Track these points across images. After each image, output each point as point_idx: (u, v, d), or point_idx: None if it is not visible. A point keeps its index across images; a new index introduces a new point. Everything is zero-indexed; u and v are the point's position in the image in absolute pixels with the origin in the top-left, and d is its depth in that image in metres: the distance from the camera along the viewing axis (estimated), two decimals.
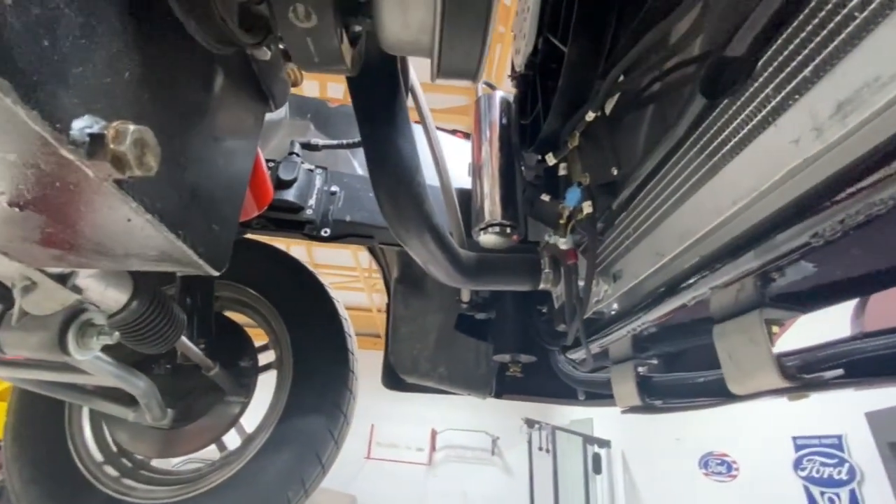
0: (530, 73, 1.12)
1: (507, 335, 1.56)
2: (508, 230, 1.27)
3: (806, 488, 5.59)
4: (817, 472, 5.50)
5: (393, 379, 1.86)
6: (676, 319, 0.97)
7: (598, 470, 8.89)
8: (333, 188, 1.47)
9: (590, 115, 0.85)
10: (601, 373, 1.43)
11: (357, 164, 1.71)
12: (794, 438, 5.72)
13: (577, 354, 1.16)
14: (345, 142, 1.49)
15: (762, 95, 0.54)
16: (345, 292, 9.93)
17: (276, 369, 1.85)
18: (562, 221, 1.01)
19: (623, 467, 8.78)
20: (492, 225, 1.28)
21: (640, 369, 1.14)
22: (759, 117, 0.54)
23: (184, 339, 1.35)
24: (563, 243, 1.01)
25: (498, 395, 1.84)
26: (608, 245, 0.92)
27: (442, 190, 1.26)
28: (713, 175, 0.61)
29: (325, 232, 1.42)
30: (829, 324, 1.07)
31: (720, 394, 0.91)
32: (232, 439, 1.79)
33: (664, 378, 1.10)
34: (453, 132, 1.99)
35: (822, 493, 5.43)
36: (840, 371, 0.66)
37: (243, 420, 1.78)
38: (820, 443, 5.50)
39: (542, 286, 1.27)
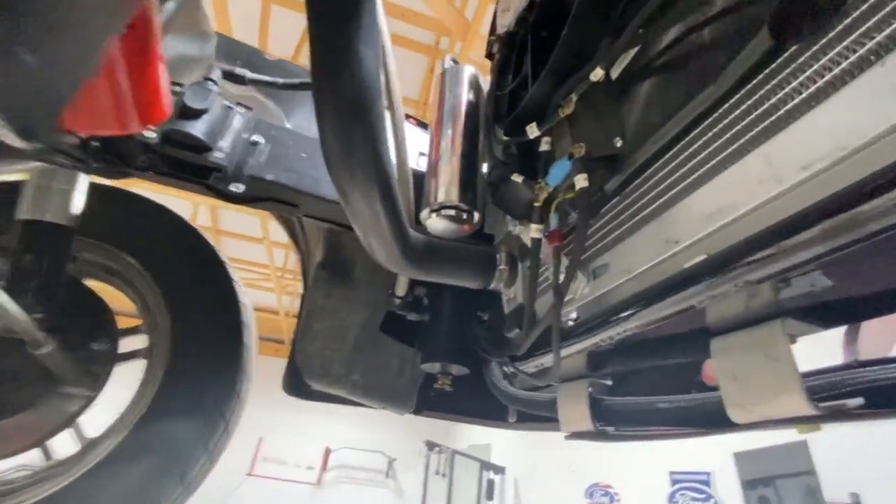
0: (519, 30, 0.97)
1: (439, 341, 1.36)
2: (465, 216, 1.09)
3: None
4: None
5: (296, 384, 1.56)
6: (638, 334, 0.85)
7: (490, 496, 8.90)
8: (256, 137, 1.19)
9: (596, 74, 0.70)
10: (542, 391, 1.28)
11: (292, 126, 1.44)
12: (671, 473, 6.16)
13: (531, 365, 1.00)
14: (282, 80, 1.23)
15: (856, 34, 0.41)
16: (252, 291, 9.09)
17: (144, 359, 1.46)
18: (537, 204, 0.85)
19: (514, 494, 8.88)
20: (446, 207, 1.09)
21: (591, 389, 1.00)
22: (845, 63, 0.42)
23: (2, 297, 0.97)
24: (536, 230, 0.85)
25: (417, 412, 1.61)
26: (589, 236, 0.78)
27: (396, 156, 1.05)
28: (769, 137, 0.48)
29: (237, 188, 1.13)
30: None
31: (695, 422, 0.79)
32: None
33: (620, 402, 0.97)
34: (406, 118, 1.79)
35: None
36: (861, 400, 0.55)
37: (86, 420, 1.36)
38: (692, 478, 5.98)
39: (493, 285, 1.10)
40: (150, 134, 0.99)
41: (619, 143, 0.69)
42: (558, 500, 7.84)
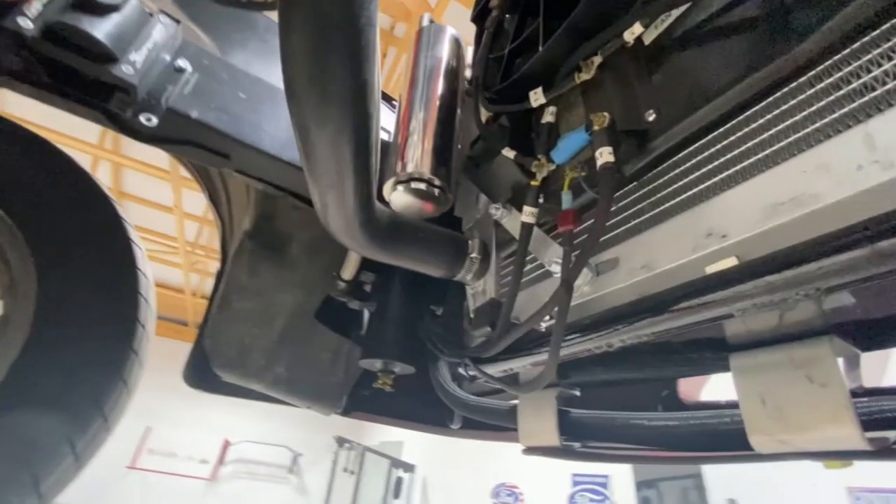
0: None
1: (385, 335, 1.19)
2: (437, 192, 0.94)
3: None
4: None
5: (201, 374, 1.29)
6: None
7: (397, 495, 8.77)
8: (182, 63, 0.94)
9: (633, 32, 0.59)
10: (494, 398, 1.16)
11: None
12: (574, 475, 6.48)
13: (497, 369, 0.87)
14: None
15: None
16: (156, 265, 8.12)
17: None
18: (534, 183, 0.72)
19: (422, 493, 8.84)
20: (416, 180, 0.93)
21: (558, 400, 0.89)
22: None
23: None
24: (530, 213, 0.72)
25: (346, 413, 1.42)
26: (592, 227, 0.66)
27: None
28: (872, 112, 0.39)
29: (148, 120, 0.87)
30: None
31: (682, 445, 0.71)
32: None
33: (589, 415, 0.87)
34: None
35: None
36: None
37: None
38: (592, 480, 6.33)
39: (459, 276, 0.96)
40: (26, 22, 0.71)
41: (651, 116, 0.58)
42: (465, 500, 7.92)
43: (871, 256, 0.41)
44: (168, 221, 6.95)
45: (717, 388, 0.98)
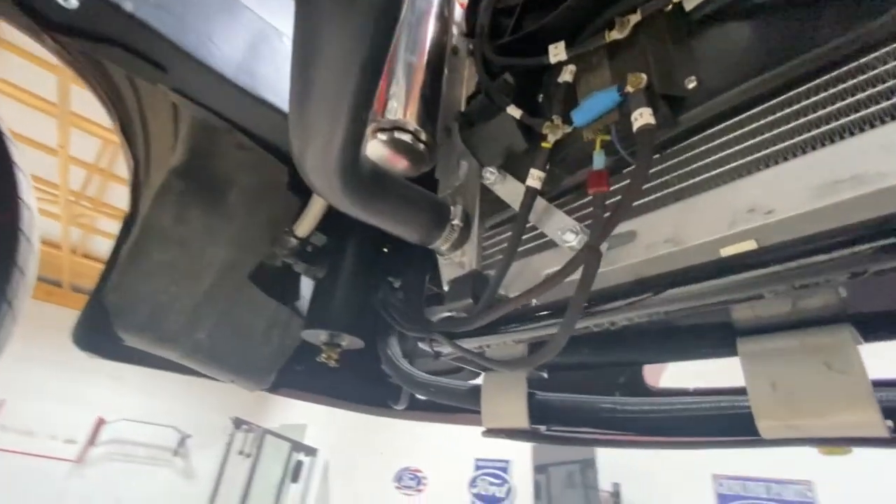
0: None
1: (334, 305, 1.07)
2: (422, 147, 0.84)
3: None
4: (485, 490, 6.56)
5: (96, 335, 1.06)
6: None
7: (295, 479, 8.45)
8: None
9: None
10: (451, 377, 1.09)
11: None
12: (477, 460, 6.71)
13: (476, 344, 0.80)
14: None
15: None
16: None
17: None
18: (545, 145, 0.66)
19: (322, 477, 8.61)
20: (400, 129, 0.83)
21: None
22: None
23: None
24: (537, 177, 0.66)
25: (274, 389, 1.27)
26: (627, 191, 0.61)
27: None
28: None
29: (67, 1, 0.67)
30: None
31: (662, 431, 0.70)
32: None
33: (556, 398, 0.85)
34: None
35: None
36: None
37: None
38: (493, 465, 6.60)
39: (437, 244, 0.87)
40: None
41: (692, 83, 0.54)
42: (366, 483, 7.86)
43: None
44: (49, 164, 5.89)
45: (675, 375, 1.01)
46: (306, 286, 1.31)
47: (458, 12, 1.11)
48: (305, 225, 1.02)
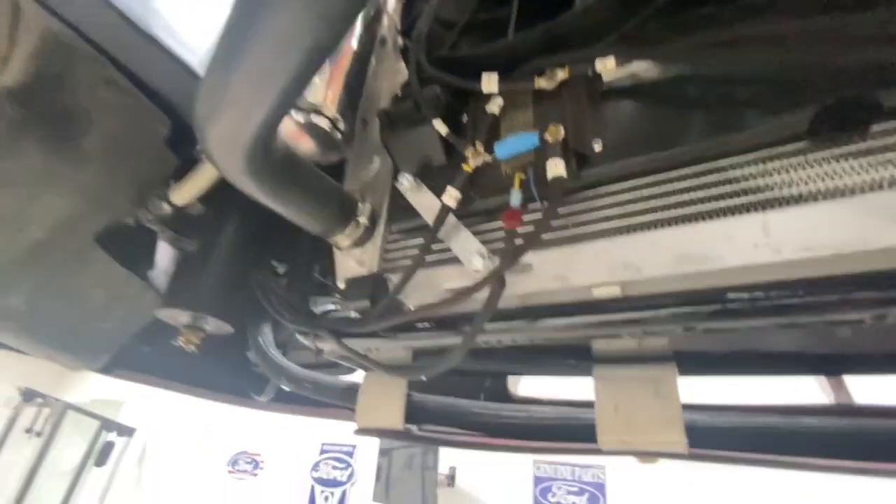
0: None
1: (203, 283, 0.96)
2: (339, 136, 0.81)
3: (312, 487, 6.49)
4: (327, 474, 6.51)
5: None
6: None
7: (101, 462, 7.28)
8: None
9: (606, 65, 0.62)
10: (324, 370, 1.06)
11: None
12: (323, 444, 6.61)
13: (360, 347, 0.79)
14: None
15: None
16: None
17: None
18: (467, 168, 0.69)
19: (139, 460, 7.58)
20: (316, 113, 0.78)
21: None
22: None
23: None
24: (453, 198, 0.68)
25: (107, 371, 1.09)
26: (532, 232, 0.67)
27: None
28: (772, 207, 0.52)
29: None
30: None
31: (521, 435, 0.79)
32: None
33: (431, 400, 0.90)
34: None
35: (322, 492, 6.43)
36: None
37: None
38: (339, 450, 6.58)
39: (337, 238, 0.85)
40: None
41: (598, 146, 0.63)
42: (190, 470, 7.16)
43: (726, 314, 0.55)
44: None
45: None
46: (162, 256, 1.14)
47: (391, 2, 1.09)
48: (185, 192, 0.89)
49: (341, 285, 0.83)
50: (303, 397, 1.03)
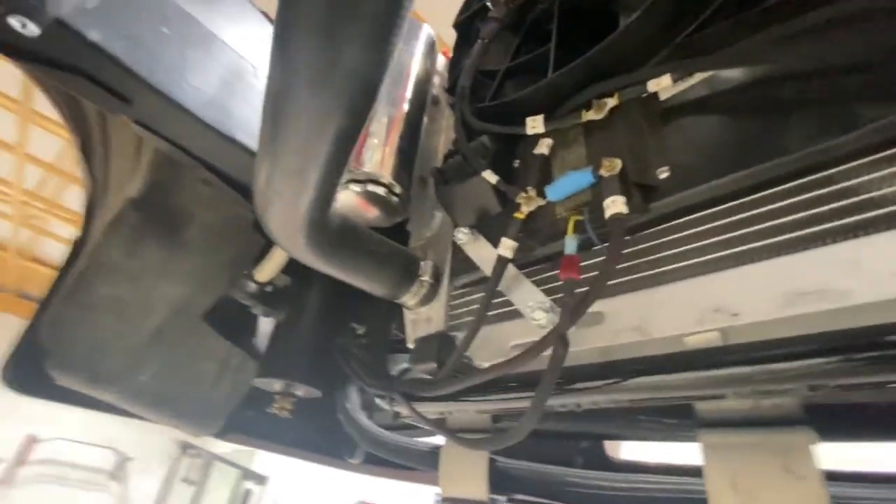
0: (543, 5, 0.77)
1: (293, 352, 1.02)
2: (395, 200, 0.83)
3: None
4: None
5: (26, 370, 0.97)
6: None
7: None
8: None
9: (660, 84, 0.56)
10: (403, 432, 1.05)
11: None
12: (437, 494, 6.51)
13: (433, 410, 0.77)
14: None
15: None
16: None
17: None
18: (519, 216, 0.66)
19: None
20: (373, 182, 0.81)
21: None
22: None
23: None
24: (509, 248, 0.65)
25: (222, 435, 1.19)
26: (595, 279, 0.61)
27: None
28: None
29: (24, 27, 0.63)
30: None
31: None
32: None
33: (519, 467, 0.82)
34: None
35: None
36: None
37: None
38: None
39: (404, 299, 0.85)
40: None
41: (664, 174, 0.55)
42: None
43: (877, 362, 0.42)
44: (4, 162, 5.57)
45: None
46: (265, 322, 1.25)
47: (441, 61, 1.12)
48: (267, 271, 0.97)
49: (411, 346, 0.82)
50: (395, 463, 1.02)
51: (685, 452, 0.73)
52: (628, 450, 0.96)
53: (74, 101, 1.01)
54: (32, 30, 0.65)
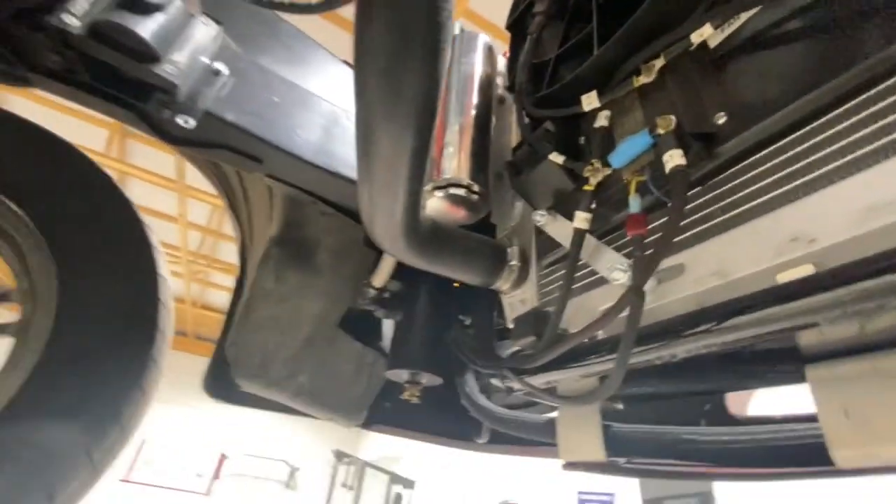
0: None
1: (411, 345, 1.16)
2: (475, 198, 0.92)
3: None
4: None
5: (221, 384, 1.26)
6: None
7: None
8: (219, 66, 0.93)
9: (702, 34, 0.58)
10: (525, 410, 1.12)
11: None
12: (580, 493, 6.34)
13: (540, 381, 0.84)
14: None
15: None
16: None
17: (13, 336, 1.10)
18: (588, 188, 0.71)
19: None
20: (455, 185, 0.91)
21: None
22: None
23: None
24: (583, 219, 0.70)
25: (366, 425, 1.39)
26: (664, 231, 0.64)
27: None
28: None
29: (186, 122, 0.86)
30: None
31: (740, 461, 0.68)
32: None
33: (633, 430, 0.84)
34: None
35: None
36: None
37: None
38: (597, 499, 6.19)
39: (497, 285, 0.94)
40: (71, 20, 0.70)
41: (721, 119, 0.56)
42: None
43: None
44: (170, 230, 6.92)
45: (765, 402, 0.95)
46: (389, 328, 1.43)
47: (502, 62, 1.20)
48: (380, 276, 1.14)
49: (510, 326, 0.90)
50: (515, 437, 1.10)
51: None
52: (754, 409, 0.92)
53: (218, 167, 1.30)
54: (191, 123, 0.88)
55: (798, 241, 0.49)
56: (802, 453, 0.58)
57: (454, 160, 0.94)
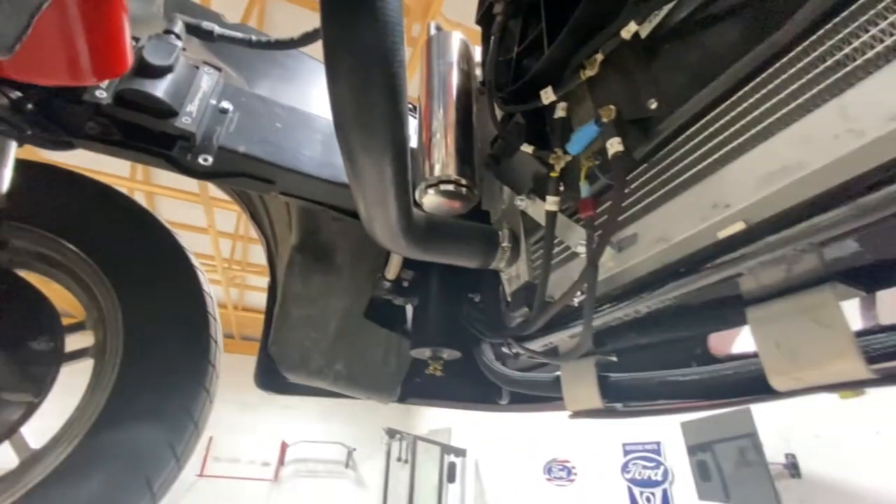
0: None
1: (429, 325, 1.30)
2: (464, 191, 1.03)
3: (629, 489, 6.36)
4: (639, 474, 6.29)
5: (270, 378, 1.44)
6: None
7: (452, 479, 9.02)
8: (225, 104, 1.05)
9: (629, 30, 0.65)
10: (537, 372, 1.25)
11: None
12: (624, 444, 6.49)
13: (538, 344, 0.96)
14: (255, 37, 1.08)
15: None
16: None
17: (92, 358, 1.29)
18: (554, 174, 0.80)
19: (475, 475, 9.06)
20: (444, 182, 1.02)
21: (598, 367, 0.98)
22: None
23: None
24: (553, 202, 0.80)
25: (402, 400, 1.55)
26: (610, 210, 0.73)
27: None
28: (844, 88, 0.46)
29: (205, 160, 0.99)
30: None
31: (713, 394, 0.79)
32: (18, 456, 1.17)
33: (627, 377, 0.95)
34: None
35: (641, 493, 6.22)
36: None
37: (30, 430, 1.19)
38: (643, 448, 6.32)
39: (493, 264, 1.05)
40: (101, 93, 0.83)
41: (653, 104, 0.65)
42: (518, 478, 8.07)
43: (855, 211, 0.48)
44: (202, 241, 7.29)
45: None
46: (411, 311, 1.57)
47: (478, 57, 1.28)
48: (392, 269, 1.27)
49: (509, 299, 1.02)
50: (531, 396, 1.23)
51: None
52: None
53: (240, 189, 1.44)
54: (210, 160, 1.01)
55: (717, 207, 0.58)
56: (758, 383, 0.68)
57: (441, 157, 1.04)
